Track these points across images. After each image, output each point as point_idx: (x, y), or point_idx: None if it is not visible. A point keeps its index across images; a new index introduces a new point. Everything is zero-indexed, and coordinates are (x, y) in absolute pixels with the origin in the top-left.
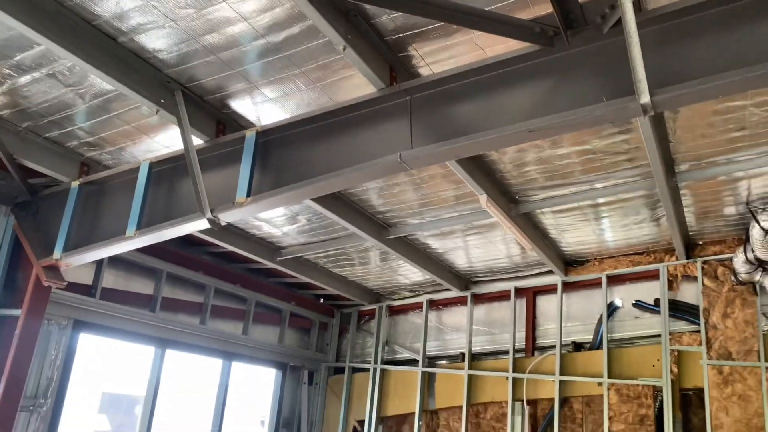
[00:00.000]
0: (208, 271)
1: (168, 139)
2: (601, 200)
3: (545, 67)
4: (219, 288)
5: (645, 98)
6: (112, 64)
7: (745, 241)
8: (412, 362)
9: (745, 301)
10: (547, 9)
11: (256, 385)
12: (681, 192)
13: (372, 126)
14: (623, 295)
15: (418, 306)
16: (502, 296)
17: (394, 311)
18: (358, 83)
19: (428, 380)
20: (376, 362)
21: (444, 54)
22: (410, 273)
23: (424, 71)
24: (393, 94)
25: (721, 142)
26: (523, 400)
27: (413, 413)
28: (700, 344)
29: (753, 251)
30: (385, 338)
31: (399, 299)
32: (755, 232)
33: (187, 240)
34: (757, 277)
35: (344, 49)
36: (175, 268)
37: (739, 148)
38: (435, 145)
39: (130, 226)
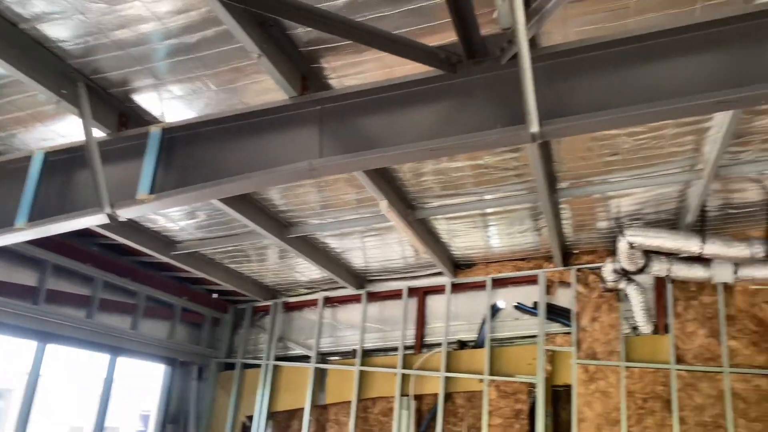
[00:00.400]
0: (96, 263)
1: (64, 128)
2: (489, 210)
3: (448, 91)
4: (108, 281)
5: (534, 128)
6: (9, 50)
7: (613, 252)
8: (305, 358)
9: (611, 307)
10: (453, 37)
11: (143, 380)
12: (561, 206)
13: (282, 132)
14: (506, 298)
15: (313, 303)
16: (395, 295)
17: (289, 308)
18: (270, 88)
19: (320, 376)
20: (268, 358)
21: (354, 69)
22: (308, 270)
23: (335, 83)
24: (304, 103)
25: (598, 165)
26: (410, 396)
27: (303, 408)
28: (571, 345)
29: (620, 262)
30: (278, 334)
31: (295, 296)
32: (622, 245)
33: (76, 230)
34: (622, 285)
35: (259, 57)
36: (61, 259)
37: (612, 170)
38: (343, 156)
39: (19, 217)
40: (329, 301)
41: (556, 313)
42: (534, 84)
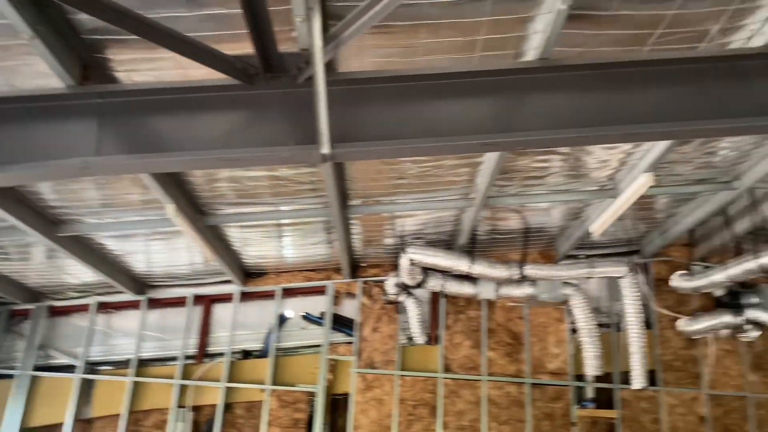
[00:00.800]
0: None
1: None
2: (284, 221)
3: (244, 101)
4: None
5: (325, 149)
6: None
7: (396, 267)
8: (71, 368)
9: (391, 318)
10: (252, 49)
11: None
12: (352, 222)
13: (55, 123)
14: (295, 307)
15: (84, 308)
16: (179, 302)
17: (55, 312)
18: (43, 72)
19: (87, 387)
20: (25, 368)
21: (145, 65)
22: (80, 273)
23: (122, 77)
24: (83, 94)
25: (387, 186)
26: (187, 407)
27: (64, 423)
28: (352, 354)
29: (401, 276)
30: (40, 341)
31: (63, 299)
32: (403, 262)
33: None
34: (402, 298)
35: (31, 39)
36: None
37: (399, 193)
38: (126, 156)
39: None
40: (103, 307)
41: (341, 324)
42: (328, 107)
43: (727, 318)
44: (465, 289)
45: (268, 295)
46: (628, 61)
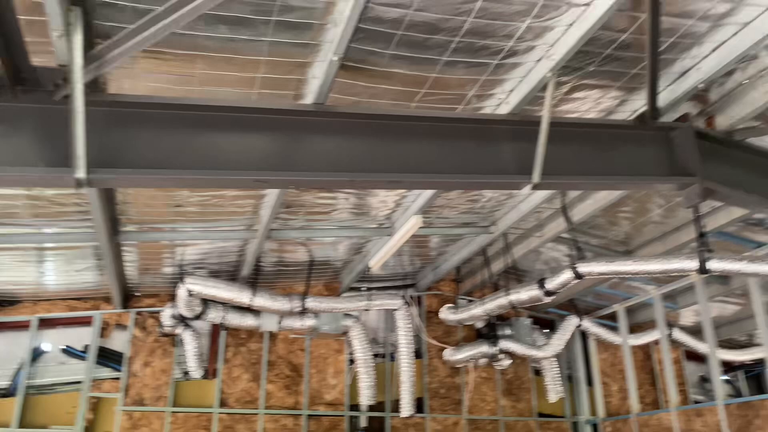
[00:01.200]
0: None
1: None
2: (47, 245)
3: None
4: None
5: (81, 174)
6: None
7: (174, 297)
8: None
9: (166, 352)
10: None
11: None
12: (125, 248)
13: None
14: (55, 339)
15: None
16: None
17: None
18: None
19: None
20: None
21: None
22: None
23: None
24: None
25: (165, 214)
26: None
27: None
28: (119, 391)
29: (178, 308)
30: None
31: None
32: (181, 292)
33: None
34: (179, 330)
35: None
36: None
37: (179, 220)
38: None
39: None
40: None
41: (108, 357)
42: (89, 129)
43: (485, 348)
44: (247, 321)
45: (21, 326)
46: (397, 114)
